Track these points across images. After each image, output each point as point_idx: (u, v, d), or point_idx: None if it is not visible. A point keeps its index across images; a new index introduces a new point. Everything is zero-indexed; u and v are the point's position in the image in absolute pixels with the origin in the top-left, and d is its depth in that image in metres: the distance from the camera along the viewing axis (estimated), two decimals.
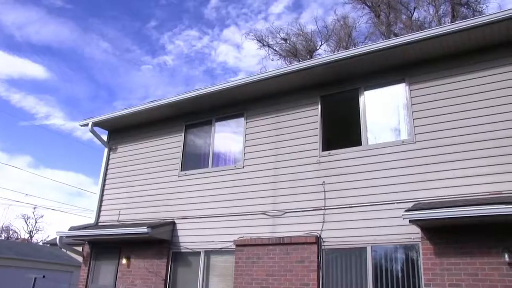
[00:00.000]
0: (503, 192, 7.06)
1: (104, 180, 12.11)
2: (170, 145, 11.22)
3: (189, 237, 9.93)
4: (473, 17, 17.48)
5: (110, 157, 12.31)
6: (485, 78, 7.79)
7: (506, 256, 6.54)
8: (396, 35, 23.28)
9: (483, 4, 23.54)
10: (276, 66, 27.55)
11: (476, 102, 7.74)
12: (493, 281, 6.60)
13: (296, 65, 9.29)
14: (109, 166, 12.20)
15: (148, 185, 11.08)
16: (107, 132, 12.71)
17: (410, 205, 7.56)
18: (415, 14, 25.65)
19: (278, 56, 28.83)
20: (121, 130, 12.32)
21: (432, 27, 20.38)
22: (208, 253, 9.61)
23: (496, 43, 7.80)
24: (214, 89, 10.02)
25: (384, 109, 8.79)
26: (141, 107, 11.19)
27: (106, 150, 12.41)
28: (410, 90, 8.45)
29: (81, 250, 11.75)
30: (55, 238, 11.72)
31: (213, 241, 9.51)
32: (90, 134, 12.06)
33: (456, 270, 6.94)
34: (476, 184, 7.32)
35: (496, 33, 7.58)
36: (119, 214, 11.29)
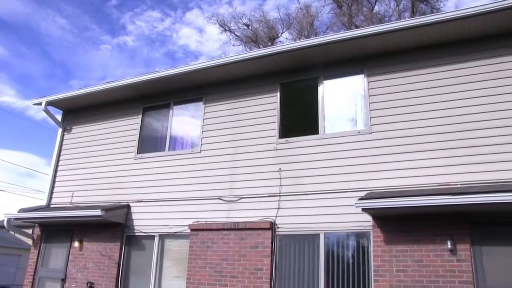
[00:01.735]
0: (450, 184, 7.35)
1: (57, 161, 11.82)
2: (127, 127, 11.05)
3: (143, 221, 9.85)
4: (431, 13, 17.97)
5: (64, 137, 12.01)
6: (437, 74, 8.06)
7: (449, 243, 6.86)
8: (357, 27, 23.63)
9: (441, 2, 24.22)
10: (237, 51, 27.50)
11: (428, 96, 8.00)
12: (435, 266, 6.92)
13: (257, 52, 9.30)
14: (63, 147, 11.91)
15: (103, 167, 10.89)
16: (61, 112, 12.37)
17: (363, 194, 7.75)
18: (376, 7, 26.14)
19: (239, 41, 28.77)
20: (77, 111, 12.02)
21: (392, 21, 20.81)
22: (163, 237, 9.58)
23: (450, 41, 8.07)
24: (174, 72, 9.91)
25: (342, 99, 8.93)
26: (98, 88, 10.94)
27: (60, 130, 12.09)
28: (368, 82, 8.62)
29: (31, 232, 11.46)
30: (3, 221, 11.38)
31: (168, 225, 9.48)
32: (44, 113, 11.71)
33: (403, 256, 7.21)
34: (426, 175, 7.59)
35: (451, 31, 7.83)
36: (72, 196, 11.06)
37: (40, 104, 11.61)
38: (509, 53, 7.65)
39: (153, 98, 10.93)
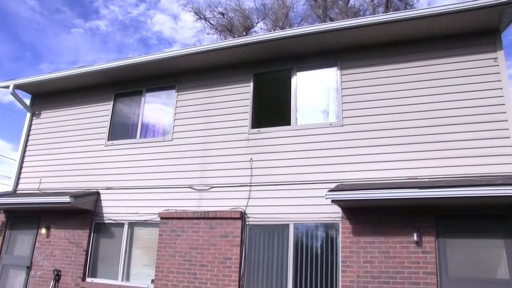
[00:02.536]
0: (418, 177, 7.51)
1: (25, 146, 11.56)
2: (98, 113, 10.88)
3: (113, 208, 9.76)
4: (404, 9, 18.18)
5: (33, 122, 11.75)
6: (409, 69, 8.20)
7: (415, 235, 7.03)
8: (332, 19, 23.75)
9: None
10: (212, 40, 27.28)
11: (399, 91, 8.12)
12: (401, 258, 7.08)
13: (231, 41, 9.26)
14: (31, 132, 11.65)
15: (73, 154, 10.72)
16: (30, 96, 12.08)
17: (333, 185, 7.84)
18: (351, 1, 26.26)
19: (214, 30, 28.53)
20: (46, 95, 11.77)
21: (366, 15, 21.00)
22: (132, 224, 9.51)
23: (422, 37, 8.20)
24: (147, 59, 9.78)
25: (315, 91, 8.98)
26: (69, 72, 10.72)
27: (28, 115, 11.82)
28: (341, 75, 8.69)
29: None
30: None
31: (137, 213, 9.41)
32: (11, 97, 11.40)
33: (371, 248, 7.35)
34: (395, 169, 7.73)
35: (423, 28, 7.96)
36: (40, 183, 10.86)
37: (7, 87, 11.31)
38: (479, 51, 7.82)
39: (125, 84, 10.78)
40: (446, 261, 6.94)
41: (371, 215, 7.47)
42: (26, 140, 11.62)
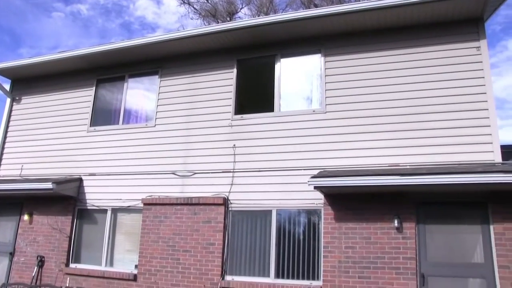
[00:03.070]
0: (400, 165, 7.59)
1: (6, 132, 11.39)
2: (80, 99, 10.74)
3: (96, 194, 9.72)
4: None
5: (13, 108, 11.57)
6: (392, 57, 8.24)
7: (396, 221, 7.14)
8: (316, 6, 23.59)
9: None
10: (195, 25, 27.00)
11: (383, 79, 8.17)
12: (382, 244, 7.19)
13: (215, 27, 9.19)
14: (12, 118, 11.48)
15: (55, 140, 10.60)
16: (9, 81, 11.87)
17: (316, 172, 7.89)
18: None
19: (197, 15, 28.16)
20: (27, 80, 11.58)
21: (351, 2, 20.92)
22: (115, 210, 9.49)
23: (406, 25, 8.22)
24: (130, 44, 9.66)
25: (298, 77, 8.98)
26: (50, 57, 10.55)
27: (8, 100, 11.63)
28: (325, 62, 8.69)
29: None
30: None
31: (120, 199, 9.39)
32: None
33: (352, 234, 7.44)
34: (377, 156, 7.80)
35: (408, 15, 7.98)
36: (21, 169, 10.75)
37: None
38: (462, 40, 7.88)
39: (108, 70, 10.66)
40: (426, 246, 7.07)
41: (353, 201, 7.55)
42: (7, 126, 11.45)
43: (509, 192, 6.77)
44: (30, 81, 11.53)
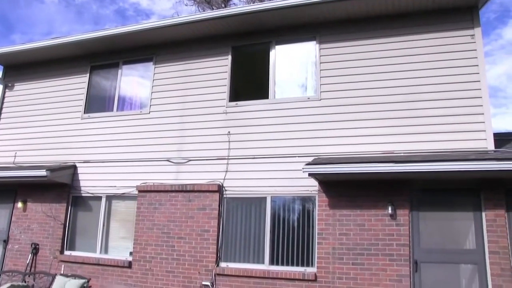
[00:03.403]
0: (394, 152, 7.63)
1: None
2: (74, 86, 10.67)
3: (90, 181, 9.70)
4: None
5: (6, 94, 11.48)
6: (387, 44, 8.25)
7: (390, 208, 7.20)
8: None
9: None
10: (190, 12, 26.74)
11: (377, 66, 8.18)
12: (376, 230, 7.26)
13: (210, 13, 9.13)
14: (4, 105, 11.39)
15: (49, 127, 10.55)
16: (1, 67, 11.76)
17: (310, 159, 7.92)
18: None
19: (192, 1, 27.85)
20: (20, 67, 11.48)
21: None
22: (110, 198, 9.49)
23: (401, 13, 8.21)
24: (124, 30, 9.59)
25: (293, 65, 8.96)
26: (43, 43, 10.45)
27: (1, 87, 11.54)
28: (320, 49, 8.68)
29: None
30: None
31: (115, 186, 9.38)
32: None
33: (346, 220, 7.50)
34: (371, 143, 7.84)
35: (402, 3, 7.97)
36: (15, 156, 10.70)
37: None
38: (457, 27, 7.90)
39: (102, 56, 10.59)
40: (419, 233, 7.14)
41: (347, 188, 7.60)
42: None
43: (501, 180, 6.86)
44: (23, 67, 11.44)
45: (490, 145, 7.24)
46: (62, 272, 9.17)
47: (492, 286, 6.59)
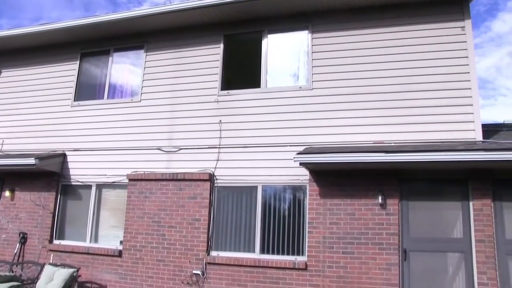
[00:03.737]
0: (385, 142, 7.69)
1: None
2: (64, 73, 10.55)
3: (80, 170, 9.64)
4: None
5: None
6: (380, 34, 8.27)
7: (380, 198, 7.26)
8: None
9: None
10: (182, 0, 26.54)
11: (369, 56, 8.21)
12: (366, 219, 7.33)
13: (202, 1, 9.01)
14: None
15: (38, 114, 10.43)
16: None
17: (302, 148, 7.95)
18: None
19: None
20: (7, 53, 11.30)
21: None
22: (100, 186, 9.45)
23: (394, 3, 8.22)
24: (115, 17, 9.48)
25: (285, 54, 8.96)
26: (32, 29, 10.28)
27: None
28: (312, 38, 8.68)
29: None
30: None
31: (105, 175, 9.34)
32: None
33: (337, 210, 7.56)
34: (363, 133, 7.89)
35: None
36: (2, 144, 10.59)
37: None
38: (447, 19, 7.94)
39: (92, 43, 10.47)
40: (408, 222, 7.23)
41: (338, 178, 7.65)
42: None
43: (489, 170, 6.97)
44: (10, 53, 11.27)
45: (478, 136, 7.33)
46: (51, 262, 9.12)
47: (477, 273, 6.72)
